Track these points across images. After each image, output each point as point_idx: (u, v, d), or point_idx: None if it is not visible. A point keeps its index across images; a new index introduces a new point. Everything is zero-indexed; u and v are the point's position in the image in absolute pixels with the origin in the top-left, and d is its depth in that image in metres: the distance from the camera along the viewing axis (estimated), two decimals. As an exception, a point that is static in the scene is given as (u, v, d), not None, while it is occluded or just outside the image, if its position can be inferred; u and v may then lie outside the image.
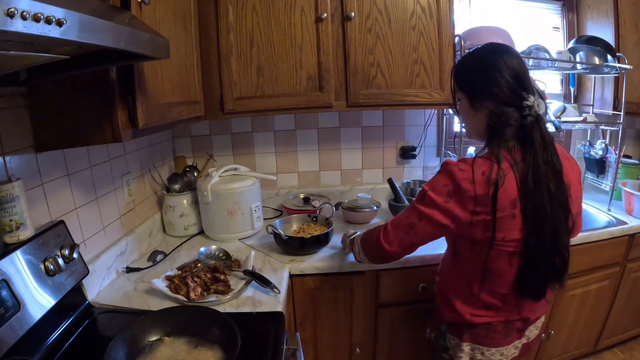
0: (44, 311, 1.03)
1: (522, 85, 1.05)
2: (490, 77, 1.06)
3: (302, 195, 2.15)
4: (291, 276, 1.57)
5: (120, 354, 0.95)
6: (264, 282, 1.40)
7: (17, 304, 0.96)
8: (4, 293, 0.93)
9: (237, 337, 0.96)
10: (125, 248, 1.60)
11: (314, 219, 1.86)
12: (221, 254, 1.62)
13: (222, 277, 1.43)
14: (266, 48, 1.72)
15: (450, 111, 2.18)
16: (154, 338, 1.05)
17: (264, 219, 1.97)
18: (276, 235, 1.68)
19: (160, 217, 1.96)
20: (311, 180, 2.33)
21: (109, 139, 1.09)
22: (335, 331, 1.74)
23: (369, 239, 1.31)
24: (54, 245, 1.14)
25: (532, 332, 1.23)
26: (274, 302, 1.33)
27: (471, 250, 1.11)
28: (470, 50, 1.19)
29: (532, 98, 1.04)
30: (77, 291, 1.26)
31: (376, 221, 1.99)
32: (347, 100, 1.80)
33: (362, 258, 1.37)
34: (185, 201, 1.91)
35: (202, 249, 1.61)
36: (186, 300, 1.30)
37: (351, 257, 1.56)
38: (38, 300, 1.03)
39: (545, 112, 1.09)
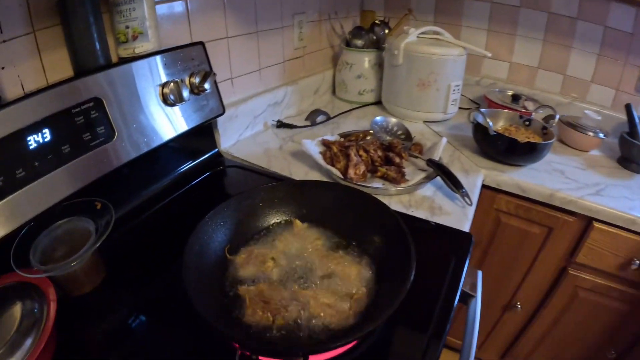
0: (147, 149, 0.78)
1: None
2: None
3: (510, 92, 1.60)
4: (482, 187, 1.15)
5: (223, 230, 0.63)
6: (454, 184, 0.94)
7: (111, 132, 0.71)
8: (95, 115, 0.68)
9: (412, 264, 0.54)
10: (282, 99, 1.30)
11: (527, 122, 1.28)
12: (400, 132, 1.21)
13: (397, 159, 1.02)
14: None
15: None
16: (281, 219, 0.71)
17: (459, 107, 1.46)
18: (478, 127, 1.17)
19: (332, 75, 1.61)
20: (524, 77, 1.69)
21: None
22: (505, 274, 1.35)
23: None
24: (182, 70, 0.85)
25: None
26: (460, 216, 0.88)
27: None
28: None
29: None
30: (206, 133, 1.00)
31: (595, 153, 1.35)
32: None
33: None
34: (367, 60, 1.50)
35: (378, 118, 1.23)
36: (341, 177, 0.95)
37: (577, 192, 1.10)
38: (142, 133, 0.77)
39: None
